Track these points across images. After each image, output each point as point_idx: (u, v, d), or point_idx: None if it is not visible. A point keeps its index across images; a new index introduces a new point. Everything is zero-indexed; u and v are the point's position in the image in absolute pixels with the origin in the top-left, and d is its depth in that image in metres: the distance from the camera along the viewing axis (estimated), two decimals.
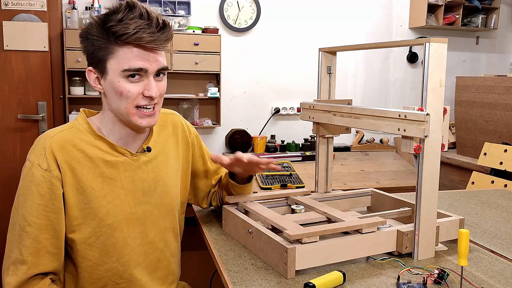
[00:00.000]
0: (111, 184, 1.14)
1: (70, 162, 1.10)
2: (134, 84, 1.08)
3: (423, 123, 1.07)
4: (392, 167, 3.36)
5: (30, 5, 2.74)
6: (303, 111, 1.49)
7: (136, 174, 1.18)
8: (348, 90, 3.74)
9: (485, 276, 1.07)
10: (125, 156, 1.17)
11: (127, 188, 1.17)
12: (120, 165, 1.16)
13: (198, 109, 3.31)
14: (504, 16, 3.99)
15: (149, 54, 1.07)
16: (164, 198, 1.24)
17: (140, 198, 1.19)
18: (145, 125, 1.13)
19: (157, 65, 1.09)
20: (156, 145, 1.24)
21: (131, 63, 1.05)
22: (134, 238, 1.18)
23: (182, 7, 3.25)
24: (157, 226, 1.23)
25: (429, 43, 1.07)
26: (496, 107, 2.96)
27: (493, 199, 1.79)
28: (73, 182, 1.10)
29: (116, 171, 1.15)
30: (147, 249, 1.21)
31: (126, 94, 1.08)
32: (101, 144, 1.15)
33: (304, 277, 1.04)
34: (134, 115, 1.11)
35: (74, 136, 1.13)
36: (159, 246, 1.23)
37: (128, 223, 1.17)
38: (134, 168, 1.18)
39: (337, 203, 1.48)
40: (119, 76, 1.07)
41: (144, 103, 1.10)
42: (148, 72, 1.08)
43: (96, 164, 1.13)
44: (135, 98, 1.09)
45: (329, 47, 1.47)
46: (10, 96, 2.74)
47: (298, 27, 3.55)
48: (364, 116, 1.22)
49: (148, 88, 1.09)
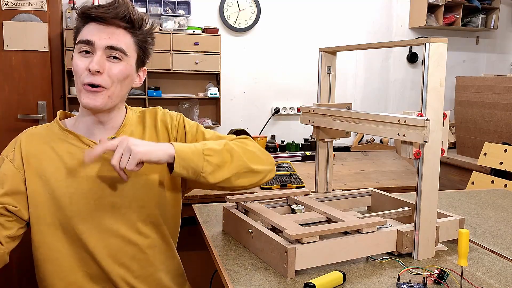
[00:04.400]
0: (75, 175, 1.15)
1: (35, 153, 1.16)
2: (83, 59, 1.10)
3: (423, 129, 1.07)
4: (392, 167, 3.37)
5: (30, 5, 2.74)
6: (303, 115, 1.49)
7: (103, 166, 1.16)
8: (348, 90, 3.74)
9: (485, 276, 1.07)
10: (90, 147, 1.16)
11: (92, 179, 1.16)
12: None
13: (198, 109, 3.31)
14: (504, 16, 3.99)
15: (103, 29, 1.10)
16: (137, 190, 1.19)
17: (105, 190, 1.17)
18: (86, 104, 1.11)
19: (107, 41, 1.10)
20: (126, 134, 1.21)
21: (82, 35, 1.11)
22: (101, 231, 1.16)
23: (182, 7, 3.25)
24: (129, 218, 1.19)
25: (429, 43, 1.07)
26: (496, 107, 2.96)
27: (493, 199, 1.79)
28: (36, 173, 1.14)
29: (81, 163, 1.15)
30: (119, 242, 1.18)
31: (75, 69, 1.11)
32: (68, 136, 1.18)
33: (304, 277, 1.04)
34: (80, 92, 1.12)
35: (44, 131, 1.20)
36: (132, 238, 1.19)
37: (93, 215, 1.15)
38: (101, 159, 1.15)
39: (337, 203, 1.48)
40: (76, 51, 1.12)
41: (88, 80, 1.09)
42: (95, 45, 1.09)
43: (61, 155, 1.16)
44: (81, 74, 1.10)
45: (329, 47, 1.47)
46: (10, 96, 2.74)
47: (298, 27, 3.55)
48: (364, 120, 1.23)
49: (91, 61, 1.08)
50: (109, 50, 1.11)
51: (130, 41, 1.14)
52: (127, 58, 1.14)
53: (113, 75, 1.12)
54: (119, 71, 1.12)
